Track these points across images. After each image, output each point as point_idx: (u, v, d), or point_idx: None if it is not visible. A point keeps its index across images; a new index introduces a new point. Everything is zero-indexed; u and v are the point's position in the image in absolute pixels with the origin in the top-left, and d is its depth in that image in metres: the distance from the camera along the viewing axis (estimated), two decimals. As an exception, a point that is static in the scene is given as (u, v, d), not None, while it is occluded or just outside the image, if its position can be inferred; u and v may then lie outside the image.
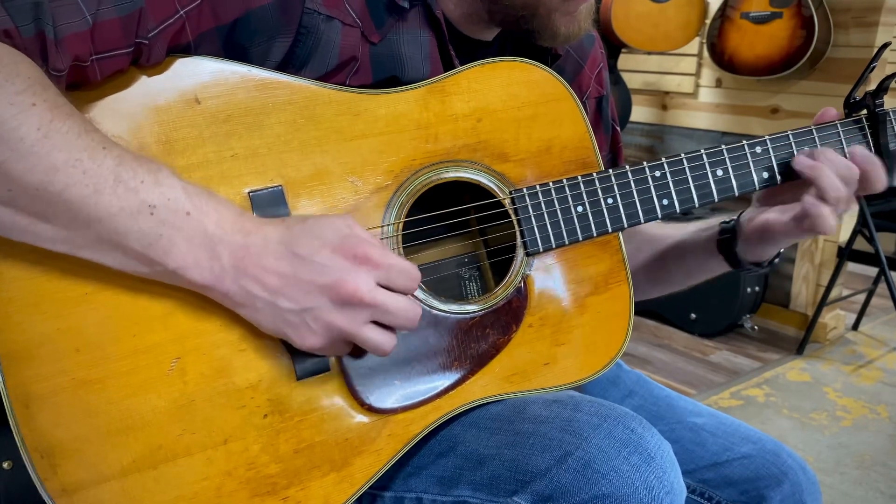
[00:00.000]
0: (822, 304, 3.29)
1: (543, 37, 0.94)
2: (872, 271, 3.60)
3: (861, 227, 3.20)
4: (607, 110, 1.16)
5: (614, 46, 3.53)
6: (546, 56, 1.02)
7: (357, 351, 0.81)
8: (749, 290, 3.44)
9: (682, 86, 3.85)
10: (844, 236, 3.33)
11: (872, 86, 1.00)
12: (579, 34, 0.96)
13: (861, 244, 3.26)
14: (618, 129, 1.18)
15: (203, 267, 0.72)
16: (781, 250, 1.06)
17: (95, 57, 0.73)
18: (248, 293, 0.73)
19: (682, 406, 1.13)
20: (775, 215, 0.99)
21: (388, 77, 0.91)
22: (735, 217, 1.07)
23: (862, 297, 3.64)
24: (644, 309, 3.61)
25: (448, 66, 0.94)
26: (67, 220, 0.68)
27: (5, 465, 0.83)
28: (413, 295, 0.85)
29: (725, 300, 3.42)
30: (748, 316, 3.52)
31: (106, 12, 0.73)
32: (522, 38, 0.98)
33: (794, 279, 3.50)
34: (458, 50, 0.95)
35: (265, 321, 0.75)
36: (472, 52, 0.98)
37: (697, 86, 3.79)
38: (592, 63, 1.12)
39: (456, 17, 0.96)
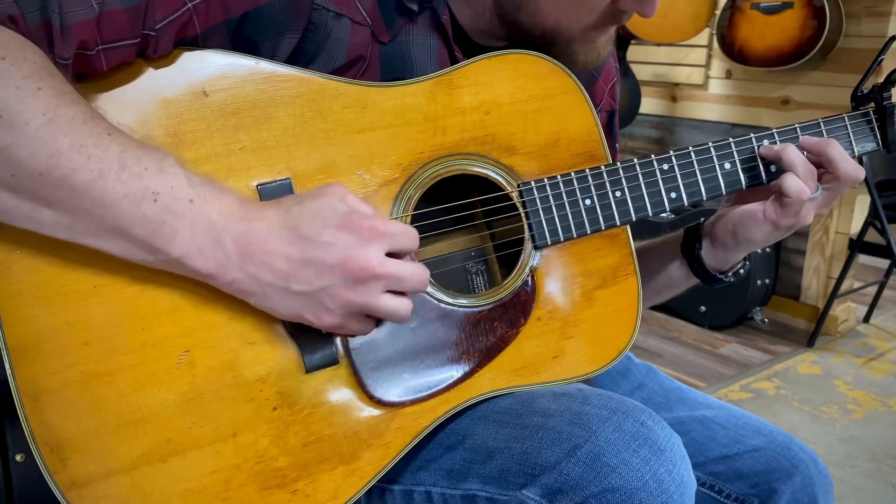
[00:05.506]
0: (833, 296, 3.27)
1: (561, 62, 0.94)
2: (884, 263, 3.59)
3: (873, 219, 3.18)
4: (616, 125, 1.16)
5: (623, 38, 3.51)
6: None
7: (368, 337, 0.81)
8: (759, 282, 3.42)
9: (691, 77, 3.83)
10: (856, 228, 3.31)
11: (881, 78, 0.99)
12: (598, 61, 0.96)
13: (873, 236, 3.24)
14: (617, 145, 1.17)
15: (207, 255, 0.72)
16: (747, 261, 1.05)
17: (101, 47, 0.73)
18: (257, 280, 0.73)
19: (693, 398, 1.13)
20: (747, 204, 0.98)
21: (396, 78, 0.90)
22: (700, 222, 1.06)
23: (873, 290, 3.62)
24: (653, 302, 3.60)
25: None
26: (71, 205, 0.68)
27: (18, 458, 0.84)
28: None
29: (735, 293, 3.41)
30: (758, 308, 3.51)
31: (112, 2, 0.73)
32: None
33: (805, 271, 3.48)
34: (467, 56, 0.95)
35: (279, 307, 0.75)
36: None
37: (707, 77, 3.77)
38: (607, 76, 1.12)
39: (470, 27, 0.96)
